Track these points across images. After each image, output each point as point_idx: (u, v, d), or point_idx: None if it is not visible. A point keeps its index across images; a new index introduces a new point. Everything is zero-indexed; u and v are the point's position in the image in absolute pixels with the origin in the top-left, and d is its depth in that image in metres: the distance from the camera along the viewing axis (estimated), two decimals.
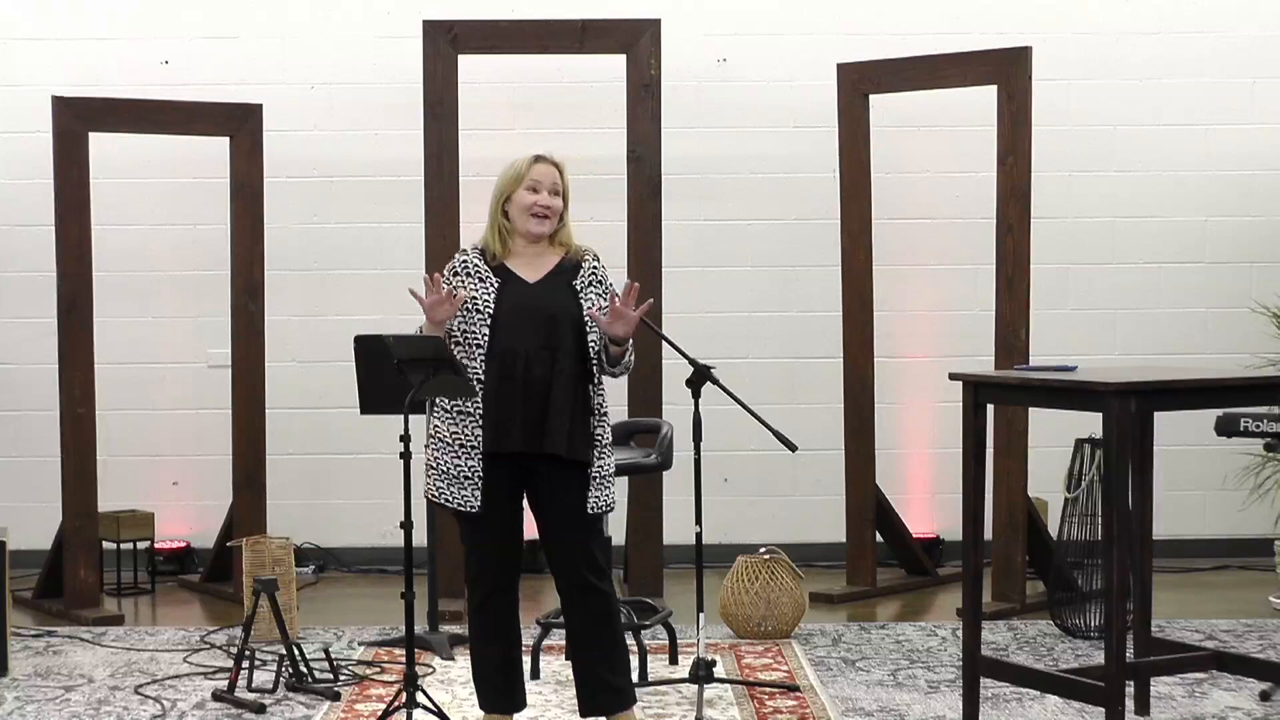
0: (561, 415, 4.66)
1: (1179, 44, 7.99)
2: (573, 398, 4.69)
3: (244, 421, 7.25)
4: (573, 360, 4.71)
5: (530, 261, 4.82)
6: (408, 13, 7.70)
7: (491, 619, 4.83)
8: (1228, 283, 8.00)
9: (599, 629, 4.82)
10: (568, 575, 4.79)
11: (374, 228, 7.94)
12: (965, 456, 4.95)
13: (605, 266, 4.89)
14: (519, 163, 4.84)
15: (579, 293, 4.77)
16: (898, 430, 7.90)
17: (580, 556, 4.77)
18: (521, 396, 4.67)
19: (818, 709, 5.36)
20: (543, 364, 4.67)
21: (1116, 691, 4.59)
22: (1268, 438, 4.71)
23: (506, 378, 4.68)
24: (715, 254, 7.97)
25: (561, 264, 4.82)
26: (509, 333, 4.69)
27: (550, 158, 4.85)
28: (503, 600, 4.84)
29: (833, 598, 7.12)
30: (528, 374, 4.67)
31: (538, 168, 4.81)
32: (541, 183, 4.79)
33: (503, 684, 4.88)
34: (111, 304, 7.63)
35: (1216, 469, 7.85)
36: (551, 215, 4.79)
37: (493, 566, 4.81)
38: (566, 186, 4.85)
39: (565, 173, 4.86)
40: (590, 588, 4.78)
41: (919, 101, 7.58)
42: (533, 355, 4.67)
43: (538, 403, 4.66)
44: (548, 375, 4.67)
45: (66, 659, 6.14)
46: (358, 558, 7.96)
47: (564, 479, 4.74)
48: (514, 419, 4.67)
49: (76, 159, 6.87)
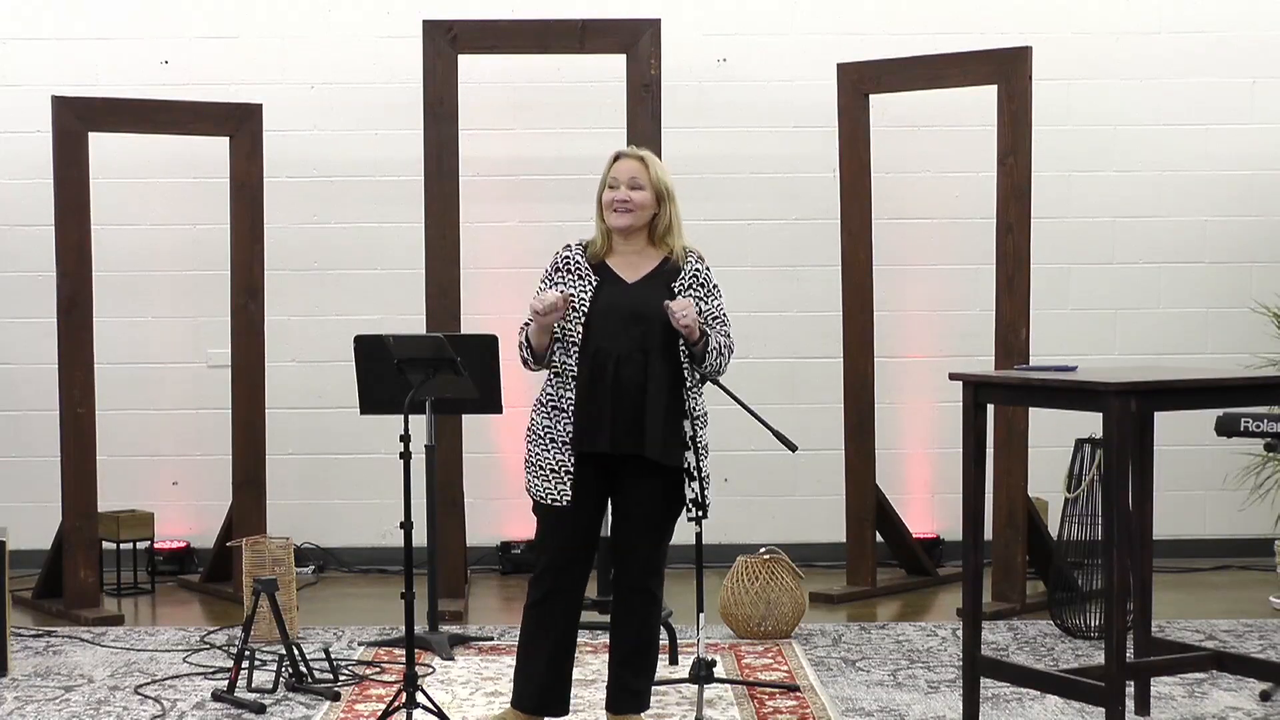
0: (656, 418, 4.67)
1: (1179, 44, 7.99)
2: (667, 400, 4.69)
3: (244, 421, 7.25)
4: (665, 363, 4.70)
5: (631, 261, 4.82)
6: (408, 13, 7.70)
7: (550, 614, 4.81)
8: (1228, 283, 8.00)
9: (641, 633, 4.87)
10: (631, 577, 4.83)
11: (374, 228, 7.94)
12: (965, 456, 4.95)
13: (709, 268, 4.86)
14: (605, 163, 4.85)
15: (677, 296, 4.75)
16: (898, 430, 7.90)
17: (647, 561, 4.82)
18: (611, 397, 4.67)
19: (818, 709, 5.36)
20: (634, 365, 4.68)
21: (1116, 691, 4.59)
22: (1268, 438, 4.70)
23: (597, 378, 4.68)
24: (715, 254, 7.85)
25: (662, 266, 4.82)
26: (602, 332, 4.69)
27: (632, 152, 4.85)
28: (567, 599, 4.82)
29: (833, 598, 7.12)
30: (618, 375, 4.67)
31: (617, 164, 4.82)
32: (619, 178, 4.79)
33: (547, 684, 4.85)
34: (111, 304, 7.63)
35: (1216, 469, 7.85)
36: (633, 208, 4.77)
37: (563, 562, 4.78)
38: (657, 181, 4.80)
39: (653, 166, 4.81)
40: (646, 592, 4.84)
41: (919, 101, 7.58)
42: (624, 356, 4.68)
43: (628, 404, 4.67)
44: (639, 377, 4.67)
45: (66, 659, 6.14)
46: (358, 558, 7.96)
47: (650, 483, 4.76)
48: (603, 419, 4.68)
49: (76, 159, 6.87)
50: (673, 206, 4.83)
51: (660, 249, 4.84)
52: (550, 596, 4.81)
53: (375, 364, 6.16)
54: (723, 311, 4.85)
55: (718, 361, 4.77)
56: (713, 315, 4.81)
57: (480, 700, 5.51)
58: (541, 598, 4.82)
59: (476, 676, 5.83)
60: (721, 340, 4.78)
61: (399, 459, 4.96)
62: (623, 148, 4.93)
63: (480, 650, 6.22)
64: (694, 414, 4.78)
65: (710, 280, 4.85)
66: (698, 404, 4.82)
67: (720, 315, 4.83)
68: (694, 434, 4.77)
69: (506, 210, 7.82)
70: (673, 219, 4.84)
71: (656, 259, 4.83)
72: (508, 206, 7.82)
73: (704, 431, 4.83)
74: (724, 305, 4.87)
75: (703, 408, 4.85)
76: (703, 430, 4.82)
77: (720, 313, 4.84)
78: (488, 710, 5.37)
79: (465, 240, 7.12)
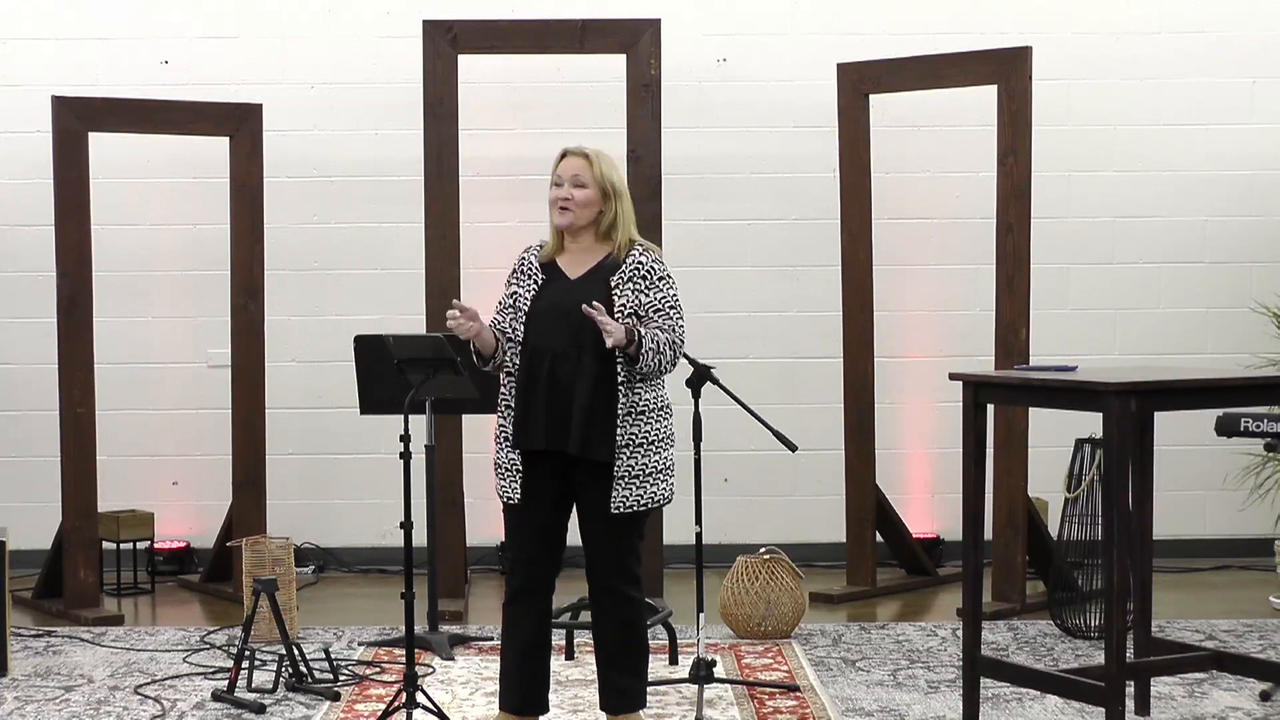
0: (581, 415, 4.64)
1: (1179, 44, 7.99)
2: (592, 397, 4.65)
3: (244, 421, 7.25)
4: (596, 359, 4.66)
5: (577, 258, 4.81)
6: (408, 13, 7.70)
7: (519, 616, 4.82)
8: (1228, 283, 8.00)
9: (619, 632, 4.83)
10: (598, 577, 4.80)
11: (374, 228, 7.94)
12: (965, 456, 4.95)
13: (659, 261, 4.78)
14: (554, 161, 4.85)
15: (613, 289, 4.71)
16: (898, 430, 7.89)
17: (611, 560, 4.76)
18: (545, 395, 4.66)
19: (818, 709, 5.36)
20: (569, 362, 4.66)
21: (1116, 691, 4.59)
22: (1268, 438, 4.70)
23: (533, 376, 4.68)
24: (715, 254, 7.97)
25: (603, 261, 4.78)
26: (540, 331, 4.69)
27: (577, 150, 4.84)
28: (532, 598, 4.81)
29: (833, 598, 7.12)
30: (552, 372, 4.66)
31: (563, 162, 4.83)
32: (563, 176, 4.79)
33: (520, 684, 4.85)
34: (111, 304, 7.63)
35: (1216, 469, 7.85)
36: (573, 206, 4.76)
37: (524, 561, 4.79)
38: (601, 178, 4.77)
39: (598, 162, 4.79)
40: (615, 592, 4.78)
41: (919, 101, 7.58)
42: (559, 353, 4.66)
43: (560, 401, 4.65)
44: (572, 374, 4.65)
45: (66, 659, 6.14)
46: (358, 558, 7.96)
47: (593, 480, 4.72)
48: (537, 417, 4.67)
49: (76, 159, 6.87)
50: (620, 203, 4.79)
51: (606, 245, 4.80)
52: (517, 596, 4.81)
53: (375, 364, 6.17)
54: (667, 304, 4.73)
55: (655, 361, 4.65)
56: (654, 307, 4.70)
57: (480, 700, 5.51)
58: (510, 598, 4.83)
59: (476, 676, 5.83)
60: (661, 339, 4.66)
61: (399, 459, 4.96)
62: (570, 145, 4.88)
63: (480, 650, 6.22)
64: (635, 409, 4.69)
65: (657, 272, 4.74)
66: (640, 399, 4.70)
67: (662, 307, 4.71)
68: (634, 430, 4.67)
69: (506, 210, 7.82)
70: (619, 215, 4.78)
71: (601, 254, 4.79)
72: (508, 206, 7.82)
73: (651, 426, 4.71)
74: (673, 298, 4.75)
75: (649, 402, 4.72)
76: (649, 425, 4.71)
77: (666, 305, 4.72)
78: (488, 710, 5.37)
79: (465, 240, 7.12)
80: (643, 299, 4.71)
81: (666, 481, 4.76)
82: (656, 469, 4.72)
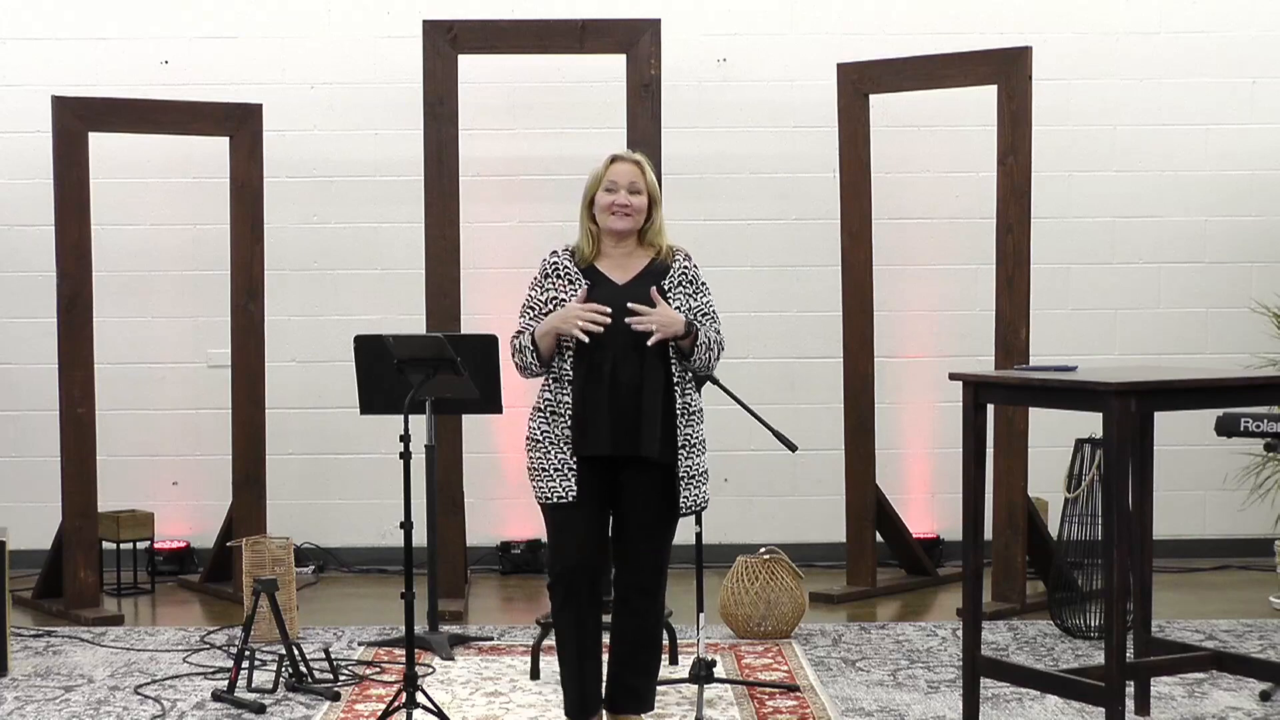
0: (652, 418, 4.68)
1: (1179, 44, 7.99)
2: (662, 400, 4.71)
3: (244, 421, 7.25)
4: (660, 362, 4.72)
5: (620, 263, 4.83)
6: (408, 13, 7.70)
7: (573, 619, 4.80)
8: (1228, 283, 8.00)
9: (638, 632, 4.86)
10: (632, 577, 4.82)
11: (374, 228, 7.94)
12: (965, 456, 4.95)
13: (698, 266, 4.89)
14: (599, 165, 4.86)
15: (667, 294, 4.76)
16: (898, 430, 7.90)
17: (648, 561, 4.82)
18: (609, 399, 4.68)
19: (818, 709, 5.36)
20: (631, 366, 4.69)
21: (1116, 691, 4.59)
22: (1268, 438, 4.71)
23: (594, 380, 4.69)
24: (715, 254, 7.94)
25: (651, 265, 4.83)
26: (597, 335, 4.68)
27: (629, 156, 4.87)
28: (585, 600, 4.79)
29: (833, 598, 7.12)
30: (615, 376, 4.68)
31: (615, 167, 4.83)
32: (618, 182, 4.80)
33: (592, 685, 4.85)
34: (111, 304, 7.64)
35: (1216, 469, 7.85)
36: (632, 212, 4.79)
37: (577, 562, 4.76)
38: (651, 184, 4.84)
39: (648, 170, 4.86)
40: (646, 591, 4.83)
41: (919, 101, 7.58)
42: (620, 358, 4.68)
43: (626, 406, 4.68)
44: (636, 378, 4.68)
45: (66, 659, 6.14)
46: (358, 558, 7.96)
47: (649, 482, 4.75)
48: (602, 422, 4.68)
49: (76, 159, 6.87)
50: (659, 210, 4.88)
51: (647, 250, 4.87)
52: (568, 601, 4.79)
53: (375, 364, 6.16)
54: (712, 308, 4.85)
55: (707, 357, 4.77)
56: (701, 312, 4.82)
57: (480, 700, 5.51)
58: (560, 603, 4.81)
59: (476, 676, 5.83)
60: (711, 336, 4.78)
61: (399, 459, 4.96)
62: (619, 150, 4.94)
63: (480, 650, 6.22)
64: (689, 410, 4.79)
65: (699, 278, 4.87)
66: (692, 400, 4.82)
67: (709, 312, 4.84)
68: (689, 432, 4.77)
69: (506, 210, 7.82)
70: (661, 221, 4.88)
71: (645, 259, 4.85)
72: (508, 206, 7.83)
73: (700, 428, 4.84)
74: (713, 302, 4.88)
75: (697, 404, 4.85)
76: (699, 426, 4.83)
77: (709, 309, 4.84)
78: (488, 710, 5.37)
79: (465, 240, 7.12)
80: (691, 304, 4.80)
81: (708, 484, 4.89)
82: (704, 470, 4.85)
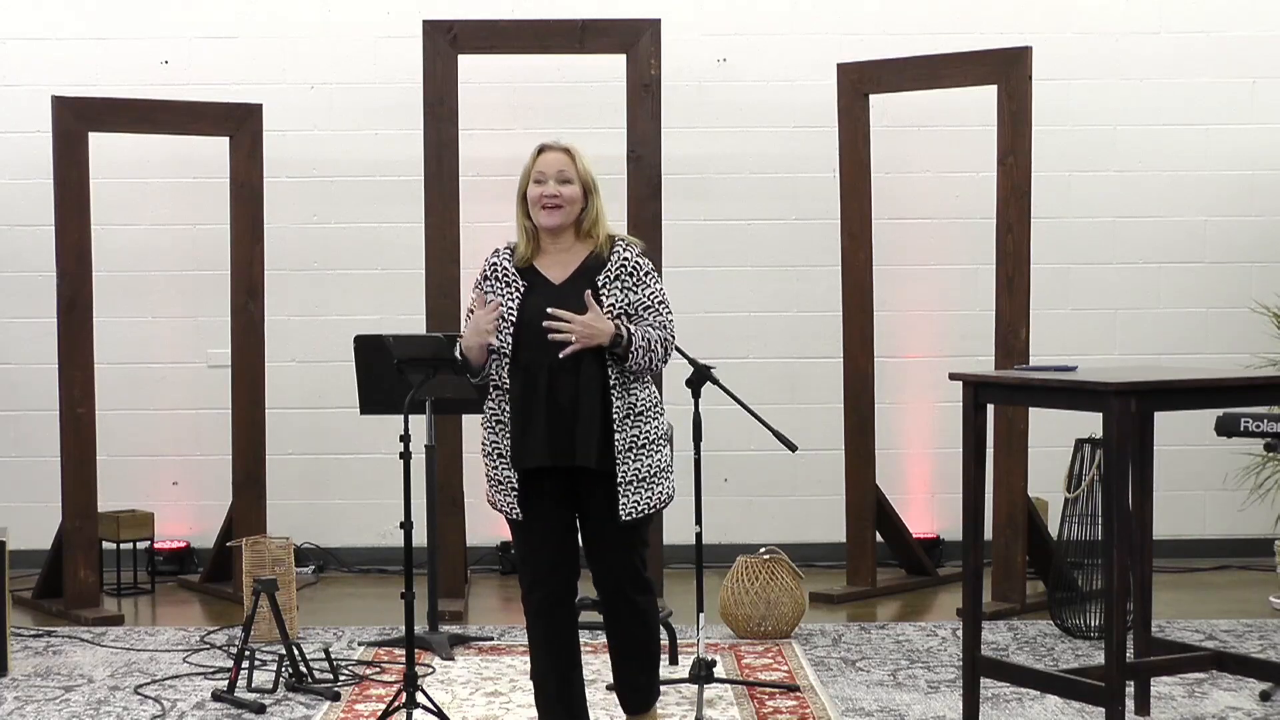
0: (589, 425, 4.47)
1: (1179, 44, 7.99)
2: (600, 407, 4.48)
3: (244, 421, 7.25)
4: (597, 367, 4.49)
5: (558, 259, 4.59)
6: (408, 13, 7.70)
7: (542, 631, 4.68)
8: (1228, 283, 8.00)
9: (633, 634, 4.72)
10: (607, 588, 4.65)
11: (374, 228, 7.94)
12: (965, 456, 4.95)
13: (643, 256, 4.61)
14: (528, 158, 4.65)
15: (601, 289, 4.51)
16: (898, 430, 7.89)
17: (620, 570, 4.62)
18: (545, 408, 4.48)
19: (818, 709, 5.36)
20: (566, 373, 4.48)
21: (1116, 691, 4.59)
22: (1268, 438, 4.70)
23: (529, 389, 4.49)
24: (715, 254, 7.96)
25: (587, 260, 4.58)
26: (532, 343, 4.48)
27: (556, 145, 4.63)
28: (555, 612, 4.66)
29: (833, 598, 7.12)
30: (551, 386, 4.47)
31: (542, 157, 4.60)
32: (546, 172, 4.58)
33: (556, 700, 4.69)
34: (111, 304, 7.63)
35: (1216, 469, 7.85)
36: (563, 203, 4.56)
37: (540, 574, 4.62)
38: (584, 172, 4.59)
39: (579, 157, 4.59)
40: (628, 601, 4.66)
41: (919, 101, 7.58)
42: (555, 366, 4.45)
43: (563, 416, 4.48)
44: (573, 386, 4.47)
45: (66, 659, 6.14)
46: (358, 558, 7.96)
47: (598, 490, 4.55)
48: (539, 434, 4.48)
49: (76, 159, 6.87)
50: (597, 198, 4.62)
51: (587, 242, 4.60)
52: (539, 612, 4.66)
53: (375, 364, 6.16)
54: (658, 301, 4.57)
55: (646, 359, 4.49)
56: (644, 304, 4.54)
57: (480, 700, 5.51)
58: (532, 616, 4.67)
59: (476, 676, 5.83)
60: (652, 335, 4.51)
61: (399, 459, 4.96)
62: (546, 140, 4.68)
63: (480, 650, 6.23)
64: (634, 411, 4.53)
65: (643, 268, 4.57)
66: (638, 400, 4.55)
67: (653, 304, 4.55)
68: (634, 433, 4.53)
69: (506, 210, 7.73)
70: (599, 211, 4.61)
71: (584, 253, 4.58)
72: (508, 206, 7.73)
73: (650, 425, 4.57)
74: (663, 291, 4.60)
75: (646, 402, 4.57)
76: (648, 425, 4.57)
77: (654, 301, 4.56)
78: (487, 710, 5.37)
79: (465, 240, 7.12)
80: (631, 297, 4.55)
81: (668, 480, 4.65)
82: (657, 469, 4.59)
